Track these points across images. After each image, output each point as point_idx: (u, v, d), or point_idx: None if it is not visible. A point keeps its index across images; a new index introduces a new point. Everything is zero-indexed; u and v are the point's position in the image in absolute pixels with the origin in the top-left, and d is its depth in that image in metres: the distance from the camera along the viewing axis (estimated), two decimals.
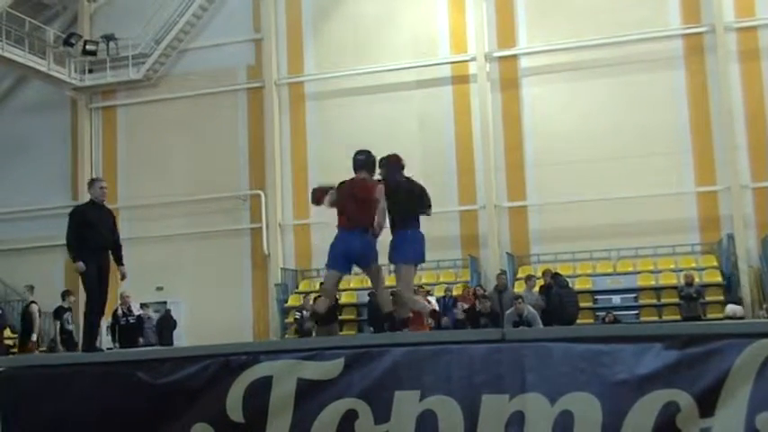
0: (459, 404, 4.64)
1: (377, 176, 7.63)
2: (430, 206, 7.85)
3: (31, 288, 15.76)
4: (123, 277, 8.86)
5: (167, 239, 23.46)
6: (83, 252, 8.41)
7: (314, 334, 17.61)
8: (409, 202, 7.63)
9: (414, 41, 22.88)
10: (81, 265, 8.32)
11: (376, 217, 7.29)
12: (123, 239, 8.84)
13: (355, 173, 7.59)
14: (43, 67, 23.83)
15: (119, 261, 8.82)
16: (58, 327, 15.69)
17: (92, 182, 9.04)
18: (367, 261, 7.55)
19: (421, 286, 18.32)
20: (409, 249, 7.53)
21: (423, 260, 7.75)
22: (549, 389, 4.53)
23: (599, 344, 4.57)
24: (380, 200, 7.29)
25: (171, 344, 17.72)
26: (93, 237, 8.54)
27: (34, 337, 15.14)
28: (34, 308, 15.21)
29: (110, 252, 8.77)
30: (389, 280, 9.27)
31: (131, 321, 16.84)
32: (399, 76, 22.78)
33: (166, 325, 18.55)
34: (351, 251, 7.42)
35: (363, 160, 7.62)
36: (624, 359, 4.48)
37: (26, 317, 14.87)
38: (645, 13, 21.21)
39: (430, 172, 22.22)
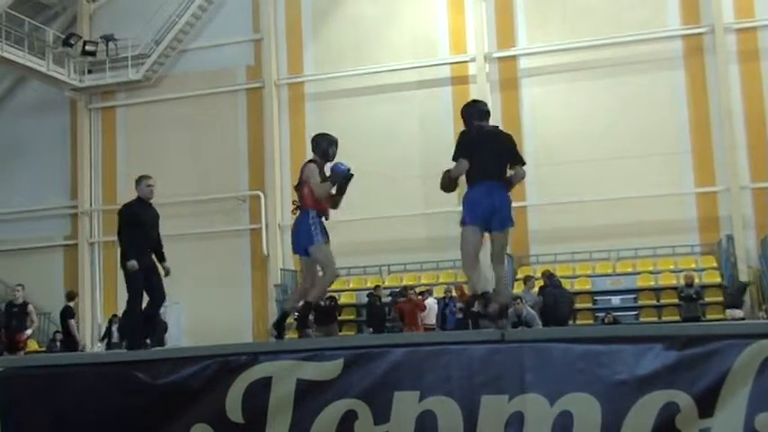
0: (459, 405, 4.64)
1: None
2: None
3: (23, 287, 15.76)
4: (167, 273, 8.90)
5: (167, 240, 23.22)
6: (132, 251, 8.44)
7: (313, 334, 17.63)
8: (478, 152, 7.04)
9: (413, 42, 22.88)
10: (134, 263, 8.31)
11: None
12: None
13: None
14: (43, 67, 23.81)
15: (162, 258, 8.86)
16: (73, 326, 15.64)
17: (139, 179, 9.04)
18: (295, 246, 7.43)
19: (407, 288, 18.37)
20: (465, 210, 7.08)
21: (481, 223, 7.05)
22: (548, 389, 4.53)
23: (598, 344, 4.57)
24: (310, 178, 7.25)
25: (162, 346, 17.57)
26: (142, 235, 8.56)
27: (29, 332, 15.05)
28: (32, 307, 15.20)
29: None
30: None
31: None
32: (399, 77, 22.79)
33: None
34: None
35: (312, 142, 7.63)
36: (624, 360, 4.48)
37: (21, 315, 14.80)
38: (644, 13, 21.21)
39: (430, 173, 22.26)
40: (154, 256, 8.83)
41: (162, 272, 8.87)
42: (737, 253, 19.78)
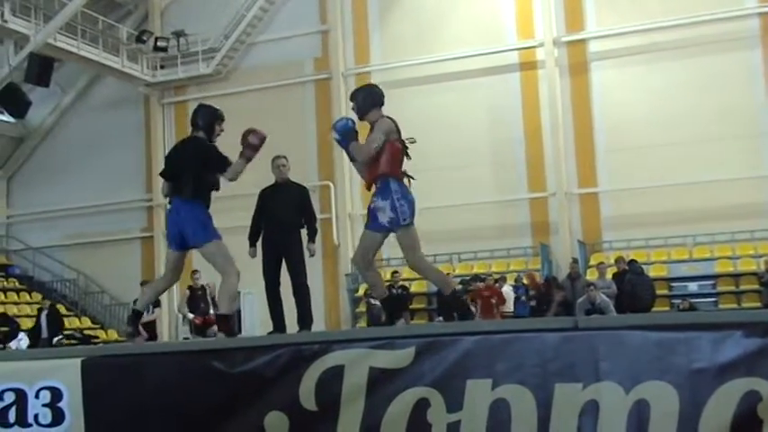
0: (532, 393, 4.61)
1: None
2: None
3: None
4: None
5: (238, 231, 23.69)
6: None
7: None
8: None
9: (480, 28, 22.70)
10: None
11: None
12: None
13: None
14: (117, 64, 24.38)
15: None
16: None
17: None
18: None
19: (478, 276, 18.31)
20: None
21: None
22: (623, 377, 4.47)
23: (675, 332, 4.48)
24: None
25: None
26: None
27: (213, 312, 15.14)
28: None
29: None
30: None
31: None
32: (466, 65, 22.65)
33: None
34: None
35: None
36: (701, 347, 4.38)
37: (205, 296, 15.04)
38: None
39: (499, 160, 22.14)
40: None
41: None
42: None
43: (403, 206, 6.59)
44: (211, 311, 14.95)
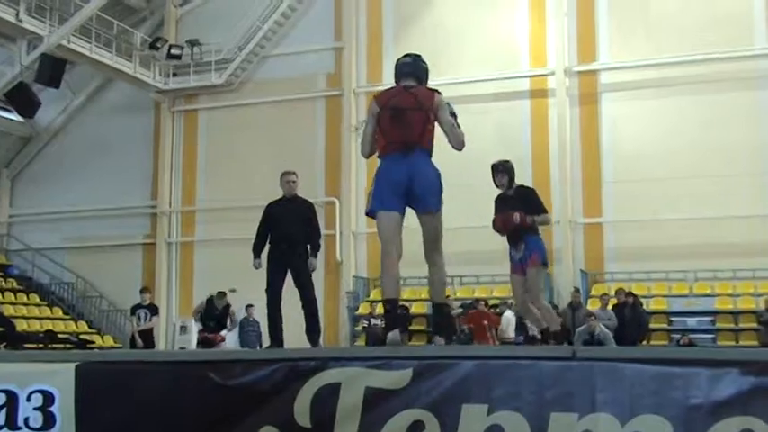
0: (528, 420, 4.59)
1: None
2: None
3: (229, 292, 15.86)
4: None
5: (243, 242, 23.61)
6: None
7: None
8: None
9: (493, 54, 22.79)
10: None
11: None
12: (200, 241, 8.91)
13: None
14: (129, 69, 24.50)
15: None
16: (134, 323, 15.94)
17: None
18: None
19: (477, 299, 18.29)
20: None
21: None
22: (619, 410, 4.45)
23: (672, 366, 4.48)
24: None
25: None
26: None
27: (224, 332, 15.24)
28: (233, 310, 15.45)
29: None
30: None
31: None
32: (477, 89, 22.71)
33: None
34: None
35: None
36: (698, 383, 4.37)
37: (222, 317, 14.98)
38: (730, 31, 20.72)
39: None
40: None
41: None
42: None
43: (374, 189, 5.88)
44: (223, 332, 15.07)
